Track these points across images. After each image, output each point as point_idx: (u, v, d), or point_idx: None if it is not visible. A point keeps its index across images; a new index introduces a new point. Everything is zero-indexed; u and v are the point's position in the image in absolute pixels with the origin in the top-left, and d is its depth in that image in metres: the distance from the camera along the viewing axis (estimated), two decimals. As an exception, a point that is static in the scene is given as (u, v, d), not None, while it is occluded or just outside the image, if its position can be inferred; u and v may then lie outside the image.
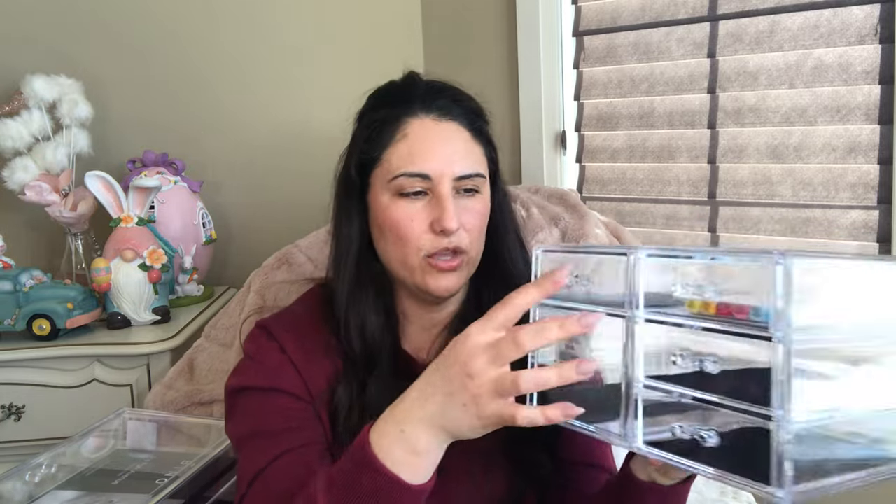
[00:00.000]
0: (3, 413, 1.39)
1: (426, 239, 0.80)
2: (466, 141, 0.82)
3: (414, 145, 0.81)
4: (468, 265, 0.82)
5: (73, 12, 1.74)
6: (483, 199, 0.83)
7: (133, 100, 1.77)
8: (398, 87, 0.87)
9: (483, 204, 0.83)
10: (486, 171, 0.85)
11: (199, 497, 0.92)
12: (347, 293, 0.84)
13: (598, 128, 1.58)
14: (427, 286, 0.80)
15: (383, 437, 0.61)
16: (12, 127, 1.55)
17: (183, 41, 1.77)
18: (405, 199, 0.80)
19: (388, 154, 0.82)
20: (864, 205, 1.26)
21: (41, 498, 0.86)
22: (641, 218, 1.53)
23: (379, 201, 0.82)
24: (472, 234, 0.82)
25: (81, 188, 1.60)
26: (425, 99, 0.83)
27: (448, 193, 0.79)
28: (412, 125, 0.82)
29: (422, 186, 0.80)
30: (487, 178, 0.85)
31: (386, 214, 0.81)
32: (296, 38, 1.78)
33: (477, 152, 0.83)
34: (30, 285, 1.44)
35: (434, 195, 0.80)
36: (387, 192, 0.81)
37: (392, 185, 0.81)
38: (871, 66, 1.23)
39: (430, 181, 0.79)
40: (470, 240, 0.81)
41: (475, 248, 0.83)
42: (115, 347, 1.40)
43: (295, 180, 1.76)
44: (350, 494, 0.61)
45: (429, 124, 0.82)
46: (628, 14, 1.50)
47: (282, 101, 1.79)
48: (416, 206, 0.80)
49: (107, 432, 1.07)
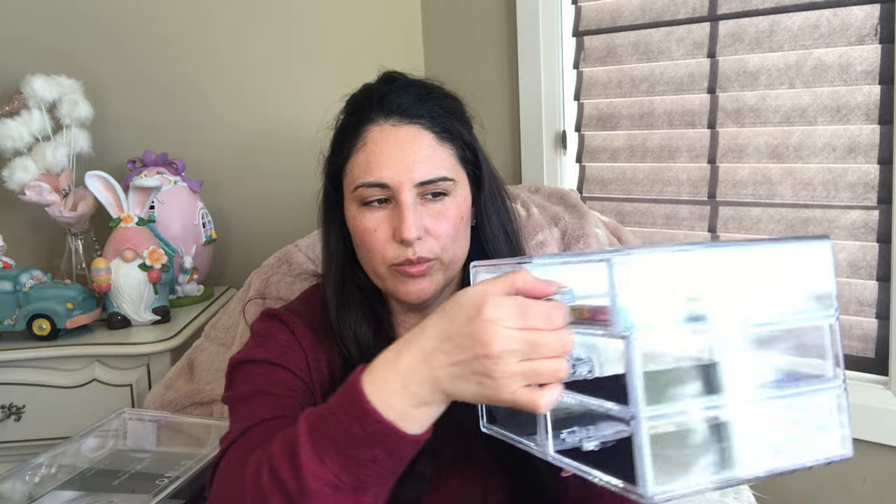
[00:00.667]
0: (3, 413, 1.39)
1: (390, 248, 0.78)
2: (430, 144, 0.79)
3: (371, 154, 0.79)
4: (442, 269, 0.80)
5: (73, 12, 1.74)
6: (455, 202, 0.80)
7: (133, 100, 1.77)
8: (363, 91, 0.85)
9: (455, 207, 0.80)
10: (457, 174, 0.81)
11: (199, 497, 0.92)
12: (336, 307, 0.84)
13: (598, 128, 1.58)
14: (398, 293, 0.80)
15: (383, 390, 0.57)
16: (12, 127, 1.55)
17: (183, 41, 1.77)
18: (368, 209, 0.79)
19: (350, 164, 0.81)
20: (864, 205, 1.26)
21: (41, 498, 0.86)
22: (641, 218, 1.53)
23: (349, 211, 0.82)
24: (442, 240, 0.79)
25: (81, 188, 1.60)
26: (384, 103, 0.81)
27: (408, 201, 0.77)
28: (371, 132, 0.80)
29: (382, 195, 0.78)
30: (461, 180, 0.82)
31: (353, 225, 0.81)
32: (296, 39, 1.78)
33: (442, 155, 0.80)
34: (30, 285, 1.44)
35: (395, 203, 0.78)
36: (353, 202, 0.81)
37: (355, 196, 0.80)
38: (871, 66, 1.23)
39: (389, 189, 0.78)
40: (441, 245, 0.79)
41: (448, 253, 0.80)
42: (115, 347, 1.40)
43: (295, 180, 1.75)
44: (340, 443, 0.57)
45: (387, 130, 0.79)
46: (628, 14, 1.50)
47: (281, 102, 1.79)
48: (379, 216, 0.79)
49: (107, 432, 1.07)
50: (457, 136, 0.82)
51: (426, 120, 0.80)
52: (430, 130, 0.80)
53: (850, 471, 1.28)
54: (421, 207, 0.78)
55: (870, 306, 1.26)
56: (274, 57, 1.78)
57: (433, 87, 0.85)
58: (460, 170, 0.82)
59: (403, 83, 0.84)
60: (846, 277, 1.28)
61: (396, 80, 0.85)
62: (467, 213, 0.83)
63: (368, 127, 0.80)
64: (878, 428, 1.24)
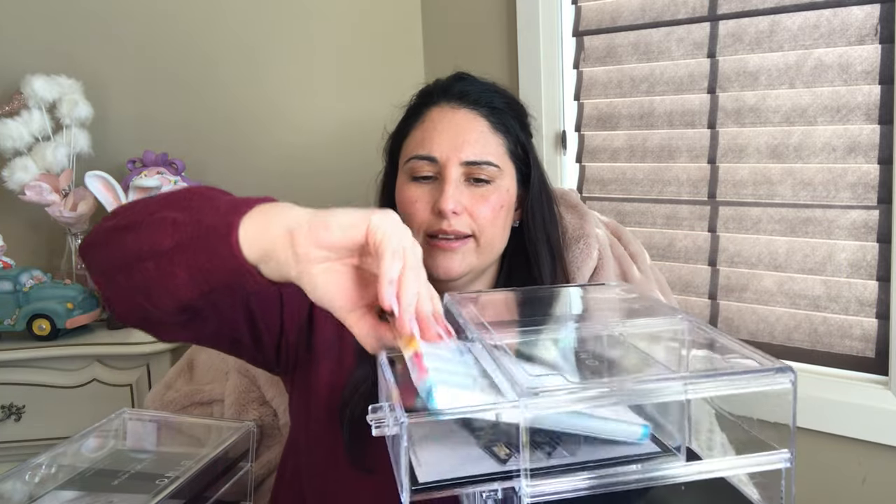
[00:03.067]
0: (3, 413, 1.39)
1: (427, 220, 0.83)
2: (482, 130, 0.84)
3: (427, 131, 0.85)
4: (475, 251, 0.83)
5: (73, 12, 1.74)
6: (497, 190, 0.84)
7: (133, 100, 1.77)
8: (434, 81, 0.91)
9: (497, 195, 0.84)
10: (504, 164, 0.85)
11: (199, 497, 0.91)
12: None
13: (598, 128, 1.58)
14: (430, 267, 0.81)
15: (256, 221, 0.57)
16: (12, 127, 1.55)
17: (183, 41, 1.77)
18: (415, 183, 0.84)
19: (408, 140, 0.87)
20: (864, 205, 1.26)
21: (41, 498, 0.86)
22: (641, 218, 1.53)
23: (399, 183, 0.87)
24: (481, 222, 0.82)
25: (81, 188, 1.60)
26: (449, 89, 0.87)
27: (452, 177, 0.82)
28: (432, 112, 0.86)
29: (430, 171, 0.83)
30: (508, 172, 0.86)
31: (399, 196, 0.86)
32: (295, 39, 1.78)
33: (493, 142, 0.85)
34: (30, 285, 1.44)
35: (440, 178, 0.83)
36: (403, 174, 0.86)
37: (406, 168, 0.85)
38: (871, 66, 1.23)
39: (438, 164, 0.82)
40: (478, 226, 0.82)
41: (486, 236, 0.83)
42: (115, 347, 1.40)
43: (295, 180, 1.76)
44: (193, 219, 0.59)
45: (446, 111, 0.85)
46: (628, 14, 1.50)
47: (281, 101, 1.79)
48: (424, 189, 0.84)
49: (107, 432, 1.06)
50: (510, 131, 0.87)
51: (483, 108, 0.86)
52: (485, 118, 0.85)
53: (850, 471, 1.28)
54: (464, 188, 0.83)
55: (870, 306, 1.26)
56: (274, 57, 1.78)
57: (498, 87, 0.90)
58: (508, 162, 0.87)
59: (471, 80, 0.90)
60: (846, 277, 1.28)
61: (466, 77, 0.91)
62: (508, 206, 0.86)
63: (431, 108, 0.87)
64: (878, 428, 1.23)
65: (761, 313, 1.38)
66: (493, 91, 0.89)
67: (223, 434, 0.90)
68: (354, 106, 1.78)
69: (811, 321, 1.32)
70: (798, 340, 1.34)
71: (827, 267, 1.30)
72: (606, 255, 1.11)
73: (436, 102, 0.87)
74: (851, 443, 1.27)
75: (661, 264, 1.47)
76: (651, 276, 1.17)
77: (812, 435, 1.29)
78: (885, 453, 1.24)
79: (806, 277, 1.33)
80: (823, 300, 1.31)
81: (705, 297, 1.44)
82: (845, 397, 1.26)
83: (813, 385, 1.30)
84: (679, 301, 1.41)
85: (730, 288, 1.41)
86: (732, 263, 1.40)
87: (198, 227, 0.58)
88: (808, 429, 1.29)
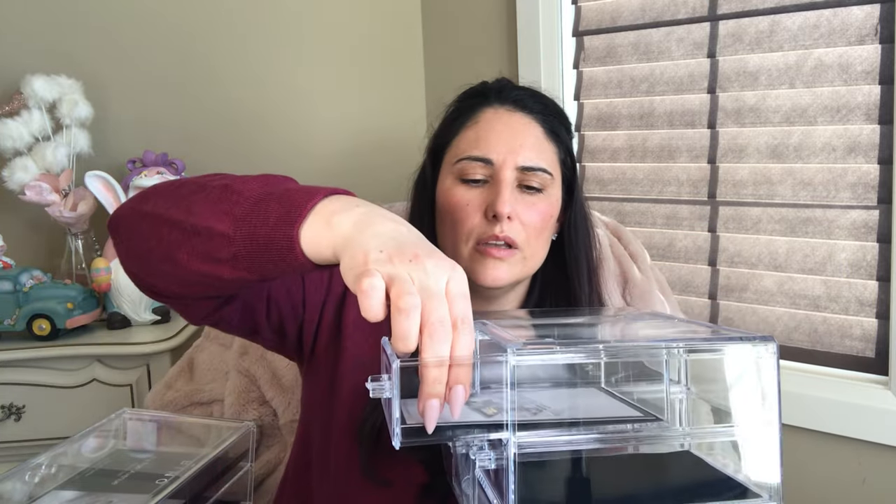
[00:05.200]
0: (3, 413, 1.39)
1: (478, 224, 0.80)
2: (538, 136, 0.83)
3: (481, 131, 0.82)
4: (522, 262, 0.81)
5: (73, 12, 1.74)
6: (548, 200, 0.82)
7: (133, 100, 1.77)
8: (480, 84, 0.89)
9: (547, 204, 0.82)
10: (556, 172, 0.84)
11: (199, 497, 0.91)
12: None
13: (598, 128, 1.58)
14: (474, 274, 0.79)
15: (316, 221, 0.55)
16: (12, 127, 1.55)
17: (183, 41, 1.77)
18: (465, 185, 0.81)
19: (458, 139, 0.84)
20: (864, 205, 1.26)
21: (41, 498, 0.86)
22: (641, 218, 1.53)
23: (443, 185, 0.83)
24: (529, 232, 0.80)
25: (81, 188, 1.60)
26: (502, 92, 0.85)
27: (507, 180, 0.79)
28: (485, 113, 0.83)
29: (483, 174, 0.80)
30: (557, 181, 0.84)
31: (445, 198, 0.82)
32: (295, 39, 1.78)
33: (547, 149, 0.83)
34: (30, 285, 1.44)
35: (493, 181, 0.80)
36: (450, 175, 0.82)
37: (455, 169, 0.82)
38: (871, 66, 1.23)
39: (492, 167, 0.80)
40: (525, 236, 0.80)
41: (530, 248, 0.81)
42: (115, 347, 1.40)
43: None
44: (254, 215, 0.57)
45: (501, 113, 0.83)
46: (628, 14, 1.50)
47: (281, 101, 1.79)
48: (474, 192, 0.80)
49: (107, 432, 1.06)
50: (562, 140, 0.86)
51: (539, 115, 0.84)
52: (540, 125, 0.84)
53: (850, 471, 1.28)
54: (517, 194, 0.80)
55: (870, 306, 1.26)
56: (273, 57, 1.78)
57: (546, 95, 0.89)
58: (558, 171, 0.85)
59: (519, 86, 0.88)
60: (846, 277, 1.28)
61: (510, 82, 0.89)
62: (554, 217, 0.84)
63: (484, 108, 0.84)
64: (878, 428, 1.23)
65: (761, 313, 1.38)
66: (544, 98, 0.87)
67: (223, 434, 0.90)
68: (354, 106, 1.78)
69: (811, 321, 1.32)
70: (798, 340, 1.34)
71: (827, 267, 1.30)
72: (606, 255, 1.11)
73: (490, 104, 0.84)
74: (851, 443, 1.27)
75: (661, 264, 1.47)
76: (651, 276, 1.17)
77: (812, 435, 1.29)
78: (885, 453, 1.24)
79: (806, 277, 1.33)
80: (823, 300, 1.31)
81: (705, 297, 1.44)
82: (845, 397, 1.26)
83: (813, 385, 1.30)
84: (679, 301, 1.41)
85: (730, 288, 1.41)
86: (732, 263, 1.40)
87: (253, 240, 0.57)
88: (808, 429, 1.29)
